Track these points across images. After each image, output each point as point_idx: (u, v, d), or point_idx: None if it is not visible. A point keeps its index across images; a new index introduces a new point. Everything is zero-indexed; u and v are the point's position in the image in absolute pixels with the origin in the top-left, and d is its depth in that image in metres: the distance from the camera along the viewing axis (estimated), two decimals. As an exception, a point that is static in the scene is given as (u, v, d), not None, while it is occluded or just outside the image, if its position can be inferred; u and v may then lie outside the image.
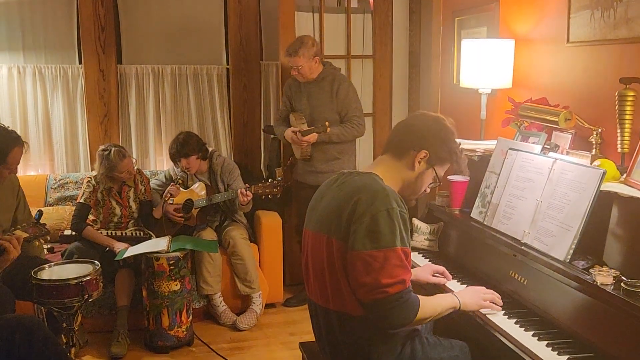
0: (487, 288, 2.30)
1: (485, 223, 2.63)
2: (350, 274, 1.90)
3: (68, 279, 2.88)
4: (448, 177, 2.98)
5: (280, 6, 4.39)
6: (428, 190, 2.18)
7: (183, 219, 4.00)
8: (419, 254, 2.89)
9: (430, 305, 2.01)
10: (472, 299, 2.17)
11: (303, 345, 2.53)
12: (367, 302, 1.88)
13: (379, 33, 4.66)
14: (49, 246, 3.97)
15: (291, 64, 3.88)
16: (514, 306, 2.25)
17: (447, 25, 3.98)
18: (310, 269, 2.11)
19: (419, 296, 1.96)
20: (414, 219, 3.01)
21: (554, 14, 2.94)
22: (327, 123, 3.77)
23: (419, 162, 2.06)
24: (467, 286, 2.36)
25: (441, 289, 2.47)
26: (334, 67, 4.05)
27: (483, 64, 3.11)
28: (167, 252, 3.55)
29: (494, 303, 2.20)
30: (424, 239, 2.94)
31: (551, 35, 2.98)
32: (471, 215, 2.76)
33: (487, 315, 2.19)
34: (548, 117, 2.72)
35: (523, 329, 2.08)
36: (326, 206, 2.05)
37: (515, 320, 2.14)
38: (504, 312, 2.20)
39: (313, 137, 3.85)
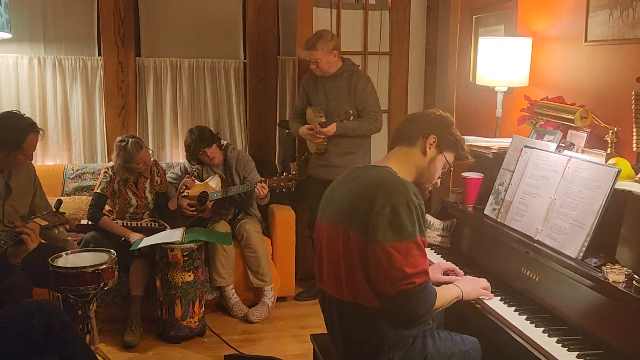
0: (499, 285, 2.35)
1: (499, 220, 2.64)
2: (374, 267, 1.92)
3: (84, 267, 2.92)
4: (462, 173, 3.00)
5: (299, 1, 4.41)
6: (439, 181, 2.22)
7: (196, 212, 4.03)
8: (431, 249, 2.90)
9: (443, 295, 2.07)
10: (472, 287, 2.25)
11: (314, 337, 2.56)
12: (393, 294, 1.90)
13: (396, 30, 4.67)
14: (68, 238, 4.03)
15: (309, 57, 3.89)
16: (525, 303, 2.26)
17: (465, 23, 3.98)
18: (325, 261, 2.13)
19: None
20: (427, 214, 3.01)
21: (572, 13, 2.94)
22: (350, 111, 3.74)
23: (429, 148, 2.13)
24: (492, 290, 2.35)
25: None
26: (353, 63, 4.05)
27: (500, 62, 3.11)
28: (182, 243, 3.58)
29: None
30: (437, 235, 2.94)
31: (569, 34, 2.98)
32: (484, 212, 2.76)
33: (497, 311, 2.20)
34: (564, 115, 2.72)
35: (534, 325, 2.09)
36: (342, 199, 2.08)
37: (526, 316, 2.15)
38: (514, 308, 2.21)
39: (332, 128, 3.82)
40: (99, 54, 4.65)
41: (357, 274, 1.97)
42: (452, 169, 2.24)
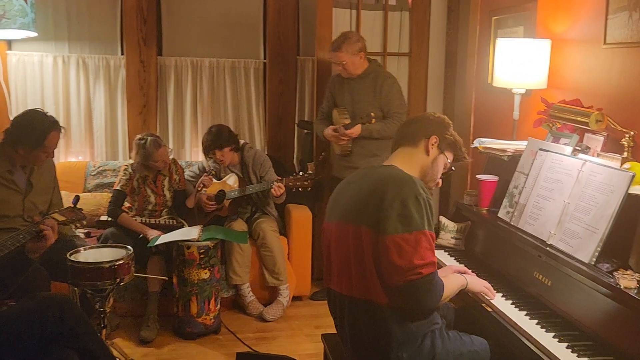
0: (511, 289, 2.39)
1: (512, 223, 2.62)
2: (383, 258, 1.96)
3: (102, 262, 2.96)
4: (477, 176, 2.98)
5: (318, 2, 4.42)
6: (441, 181, 2.30)
7: (215, 208, 4.07)
8: (444, 252, 2.90)
9: (449, 285, 2.12)
10: (476, 281, 2.33)
11: (325, 337, 2.57)
12: (401, 285, 1.94)
13: (416, 31, 4.65)
14: (86, 230, 4.10)
15: (334, 59, 3.89)
16: (536, 307, 2.25)
17: (484, 24, 3.95)
18: (334, 260, 2.17)
19: None
20: (441, 217, 3.01)
21: (592, 15, 2.90)
22: (372, 114, 3.73)
23: (432, 147, 2.21)
24: (503, 294, 2.37)
25: None
26: (379, 65, 4.04)
27: (518, 63, 3.08)
28: (198, 241, 3.62)
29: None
30: (451, 237, 2.94)
31: (588, 36, 2.94)
32: (498, 214, 2.75)
33: (507, 314, 2.19)
34: (579, 119, 2.69)
35: (544, 329, 2.08)
36: (351, 198, 2.13)
37: (537, 321, 2.14)
38: (525, 312, 2.20)
39: (357, 129, 3.79)
40: (122, 53, 4.72)
41: (369, 269, 2.01)
42: (453, 168, 2.31)
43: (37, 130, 3.09)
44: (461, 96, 4.52)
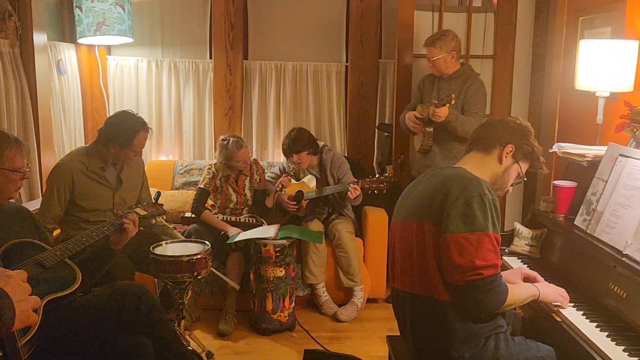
0: (584, 299, 2.30)
1: (588, 231, 2.52)
2: (444, 256, 1.96)
3: (181, 256, 3.13)
4: (554, 182, 2.89)
5: (400, 4, 4.41)
6: (511, 188, 2.23)
7: (296, 208, 4.16)
8: (517, 259, 2.82)
9: (516, 293, 2.06)
10: (550, 290, 2.23)
11: (390, 339, 2.58)
12: (461, 285, 1.92)
13: (501, 33, 4.54)
14: (171, 226, 4.31)
15: (427, 54, 3.87)
16: (609, 319, 2.15)
17: (571, 25, 3.80)
18: (397, 257, 2.18)
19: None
20: (515, 223, 2.94)
21: (684, 14, 2.74)
22: (452, 95, 3.62)
23: (506, 156, 2.15)
24: (575, 304, 2.28)
25: None
26: (472, 68, 3.96)
27: (602, 65, 2.95)
28: (274, 239, 3.72)
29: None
30: (525, 244, 2.86)
31: (680, 37, 2.78)
32: (575, 222, 2.65)
33: (577, 325, 2.11)
34: (664, 123, 2.55)
35: (614, 342, 1.99)
36: (416, 197, 2.14)
37: (607, 333, 2.05)
38: (596, 324, 2.12)
39: (444, 110, 3.61)
40: (210, 57, 4.92)
41: (431, 266, 2.01)
42: (525, 178, 2.23)
43: (127, 130, 3.30)
44: (546, 99, 4.37)
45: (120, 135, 3.30)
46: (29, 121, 3.76)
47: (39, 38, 3.84)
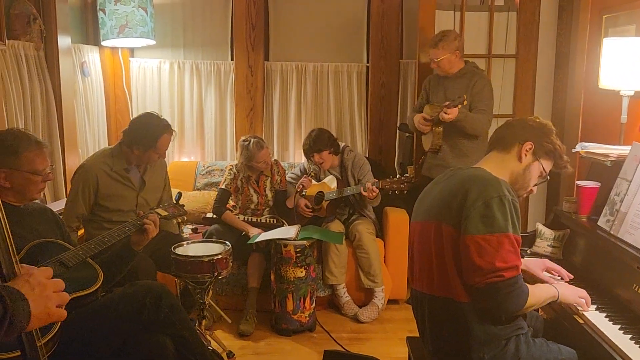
0: (607, 301, 2.27)
1: (611, 232, 2.48)
2: (464, 258, 1.94)
3: (201, 256, 3.15)
4: (577, 182, 2.85)
5: (420, 4, 4.39)
6: (535, 189, 2.20)
7: (312, 213, 4.16)
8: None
9: (537, 294, 2.02)
10: (570, 292, 2.19)
11: (409, 340, 2.57)
12: (482, 287, 1.90)
13: (523, 32, 4.49)
14: (193, 226, 4.35)
15: (431, 56, 3.88)
16: (633, 321, 2.12)
17: (594, 23, 3.75)
18: (416, 259, 2.18)
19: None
20: (537, 223, 2.91)
21: None
22: (464, 96, 3.65)
23: (525, 154, 2.13)
24: (598, 306, 2.25)
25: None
26: (477, 66, 3.97)
27: (626, 64, 2.90)
28: (295, 239, 3.73)
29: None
30: (547, 245, 2.82)
31: None
32: (598, 223, 2.61)
33: (599, 327, 2.08)
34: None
35: (638, 345, 1.96)
36: (435, 197, 2.12)
37: (631, 335, 2.02)
38: (619, 326, 2.08)
39: (455, 111, 3.65)
40: (231, 59, 4.95)
41: (449, 267, 1.99)
42: (548, 177, 2.20)
43: (151, 132, 3.33)
44: (570, 99, 4.31)
45: (144, 137, 3.33)
46: (53, 123, 3.82)
47: (63, 41, 3.90)
